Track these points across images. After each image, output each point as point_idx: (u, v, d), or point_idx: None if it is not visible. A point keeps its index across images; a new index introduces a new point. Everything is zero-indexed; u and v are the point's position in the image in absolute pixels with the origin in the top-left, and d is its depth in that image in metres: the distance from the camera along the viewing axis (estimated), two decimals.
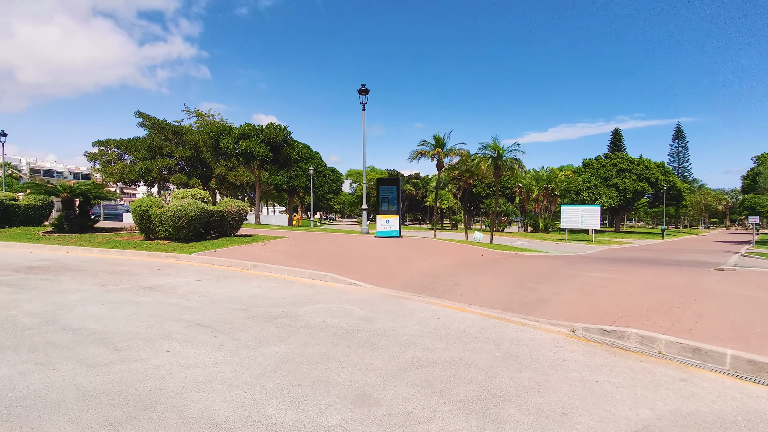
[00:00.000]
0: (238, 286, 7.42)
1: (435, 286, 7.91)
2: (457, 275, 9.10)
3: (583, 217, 27.12)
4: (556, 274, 9.42)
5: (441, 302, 6.68)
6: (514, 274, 9.39)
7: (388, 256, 11.57)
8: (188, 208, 11.72)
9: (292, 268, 8.99)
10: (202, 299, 6.34)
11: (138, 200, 12.27)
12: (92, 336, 4.51)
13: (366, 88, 18.22)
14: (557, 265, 11.41)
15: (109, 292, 6.58)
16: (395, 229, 16.20)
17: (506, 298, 6.91)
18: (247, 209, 14.10)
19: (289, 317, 5.52)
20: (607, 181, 50.05)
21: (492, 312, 6.11)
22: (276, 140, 23.30)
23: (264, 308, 5.95)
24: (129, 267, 9.05)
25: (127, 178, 30.59)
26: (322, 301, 6.56)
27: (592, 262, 12.61)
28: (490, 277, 8.95)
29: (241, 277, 8.40)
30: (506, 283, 8.22)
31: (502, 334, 5.05)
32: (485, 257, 12.84)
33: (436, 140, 17.75)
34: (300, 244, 13.14)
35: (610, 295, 7.00)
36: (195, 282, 7.67)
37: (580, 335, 5.11)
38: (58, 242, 11.72)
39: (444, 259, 11.94)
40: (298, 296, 6.81)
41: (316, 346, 4.44)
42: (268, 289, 7.26)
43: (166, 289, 7.00)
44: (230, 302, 6.23)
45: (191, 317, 5.36)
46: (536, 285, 8.01)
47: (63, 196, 13.07)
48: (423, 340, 4.75)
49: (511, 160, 18.04)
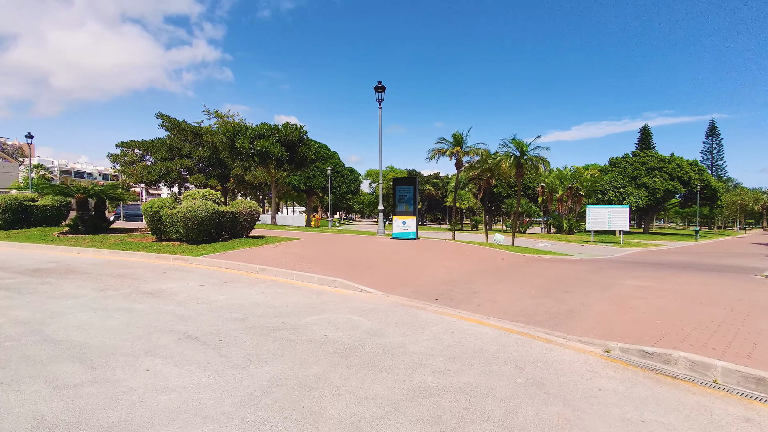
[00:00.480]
0: (241, 293, 7.03)
1: (451, 294, 7.32)
2: (476, 282, 8.48)
3: (610, 218, 25.82)
4: (584, 281, 8.67)
5: (457, 313, 6.09)
6: (538, 281, 8.69)
7: (403, 260, 11.02)
8: (198, 210, 11.47)
9: (300, 272, 8.55)
10: (200, 307, 5.96)
11: (149, 201, 12.11)
12: (72, 350, 4.14)
13: (382, 85, 17.70)
14: (585, 270, 10.61)
15: (106, 298, 6.28)
16: (412, 230, 15.63)
17: (529, 310, 6.26)
18: (260, 210, 13.80)
19: (289, 329, 5.05)
20: (636, 180, 47.95)
21: (513, 326, 5.49)
22: (292, 140, 23.03)
23: (263, 318, 5.51)
24: (135, 270, 8.81)
25: (147, 179, 31.08)
26: (327, 310, 6.08)
27: (623, 267, 11.73)
28: (511, 284, 8.29)
29: (246, 281, 8.01)
30: (529, 292, 7.55)
31: (525, 354, 4.44)
32: (506, 261, 12.13)
33: (455, 138, 17.02)
34: (312, 247, 12.73)
35: (648, 307, 6.26)
36: (197, 287, 7.32)
37: (617, 357, 4.44)
38: (70, 243, 11.67)
39: (462, 263, 11.30)
40: (302, 304, 6.35)
41: (312, 366, 3.94)
42: (272, 296, 6.83)
43: (166, 295, 6.66)
44: (229, 310, 5.82)
45: (184, 328, 4.95)
46: (563, 294, 7.31)
47: (77, 197, 13.07)
48: (434, 360, 4.19)
49: (535, 158, 17.12)
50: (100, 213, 14.70)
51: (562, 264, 12.22)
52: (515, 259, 12.71)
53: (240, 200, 13.66)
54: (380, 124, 17.92)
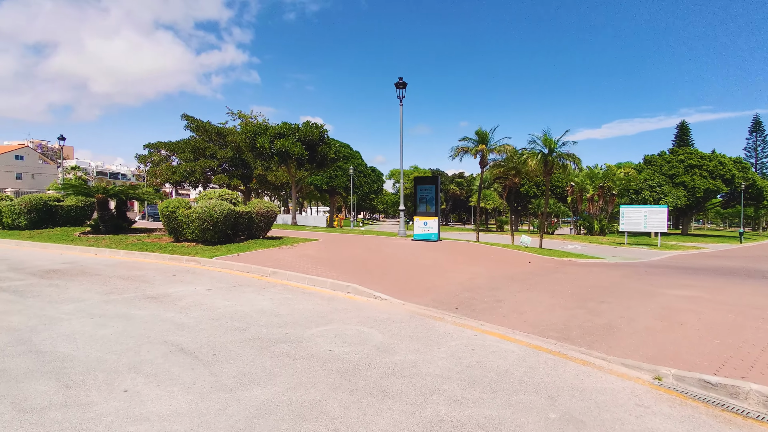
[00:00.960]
0: (248, 298, 6.64)
1: (473, 302, 6.70)
2: (501, 289, 7.80)
3: (646, 218, 24.28)
4: (623, 290, 7.85)
5: (479, 325, 5.48)
6: (570, 289, 7.93)
7: (423, 264, 10.44)
8: (213, 210, 11.26)
9: (312, 276, 8.12)
10: (201, 314, 5.59)
11: (166, 201, 12.00)
12: (53, 363, 3.81)
13: (403, 81, 17.14)
14: (622, 276, 9.73)
15: (108, 303, 6.01)
16: (434, 231, 15.00)
17: (561, 323, 5.57)
18: (277, 210, 13.51)
19: (291, 342, 4.58)
20: (673, 178, 45.35)
21: (543, 342, 4.84)
22: (312, 139, 22.75)
23: (266, 329, 5.07)
24: (146, 272, 8.61)
25: (173, 180, 31.69)
26: (336, 319, 5.59)
27: (666, 274, 10.73)
28: (539, 293, 7.57)
29: (256, 285, 7.64)
30: (560, 301, 6.83)
31: (558, 380, 3.80)
32: (534, 265, 11.34)
33: (480, 135, 16.24)
34: (329, 248, 12.32)
35: (701, 323, 5.45)
36: (204, 291, 6.99)
37: (670, 386, 3.74)
38: (89, 243, 11.69)
39: (486, 267, 10.61)
40: (310, 312, 5.89)
41: (309, 389, 3.45)
42: (280, 303, 6.41)
43: (170, 300, 6.35)
44: (232, 319, 5.42)
45: (178, 339, 4.57)
46: (599, 305, 6.56)
47: (98, 197, 13.14)
48: (450, 385, 3.62)
49: (564, 155, 16.10)
50: (121, 213, 14.78)
51: (596, 269, 11.32)
52: (544, 263, 11.89)
53: (257, 200, 13.41)
54: (401, 122, 17.38)
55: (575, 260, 13.42)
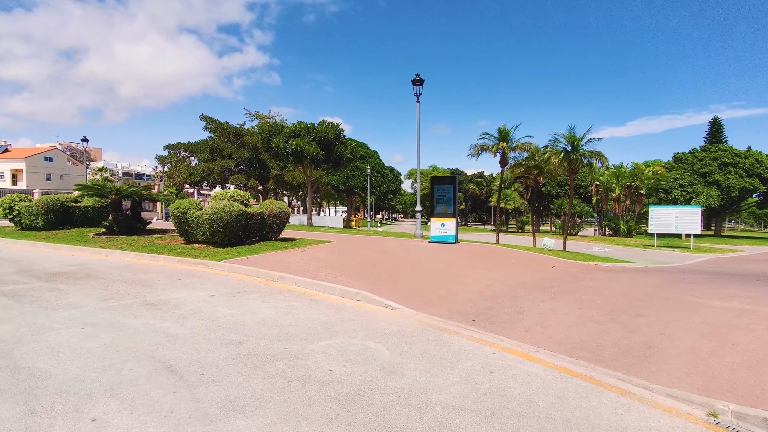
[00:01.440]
0: (251, 306, 6.27)
1: (492, 313, 6.14)
2: (522, 298, 7.20)
3: (678, 219, 22.94)
4: (660, 301, 7.13)
5: (498, 342, 4.93)
6: (600, 298, 7.26)
7: (439, 269, 9.90)
8: (223, 211, 10.99)
9: (321, 282, 7.71)
10: (198, 324, 5.23)
11: (177, 202, 11.82)
12: (28, 382, 3.49)
13: (420, 78, 16.61)
14: (657, 284, 8.95)
15: (104, 310, 5.73)
16: (451, 233, 14.42)
17: (592, 340, 4.97)
18: (289, 211, 13.19)
19: (288, 360, 4.16)
20: (706, 177, 43.13)
21: (573, 364, 4.26)
22: (327, 138, 22.39)
23: (264, 342, 4.67)
24: (151, 275, 8.37)
25: (191, 180, 32.01)
26: (341, 332, 5.15)
27: (706, 281, 9.87)
28: (565, 303, 6.94)
29: (261, 291, 7.28)
30: (589, 313, 6.19)
31: (593, 414, 3.24)
32: (558, 270, 10.64)
33: (500, 133, 15.51)
34: (342, 251, 11.91)
35: (759, 343, 4.76)
36: (207, 298, 6.66)
37: (729, 426, 3.13)
38: (101, 245, 11.62)
39: (506, 273, 9.99)
40: (314, 323, 5.46)
41: (301, 421, 3.00)
42: (284, 312, 6.01)
43: (169, 307, 6.03)
44: (229, 330, 5.05)
45: (167, 354, 4.21)
46: (634, 318, 5.90)
47: (111, 198, 13.11)
48: (464, 419, 3.11)
49: (589, 153, 15.18)
50: (135, 214, 14.76)
51: (627, 275, 10.53)
52: (568, 268, 11.16)
53: (269, 201, 13.12)
54: (418, 120, 16.85)
55: (603, 265, 12.61)
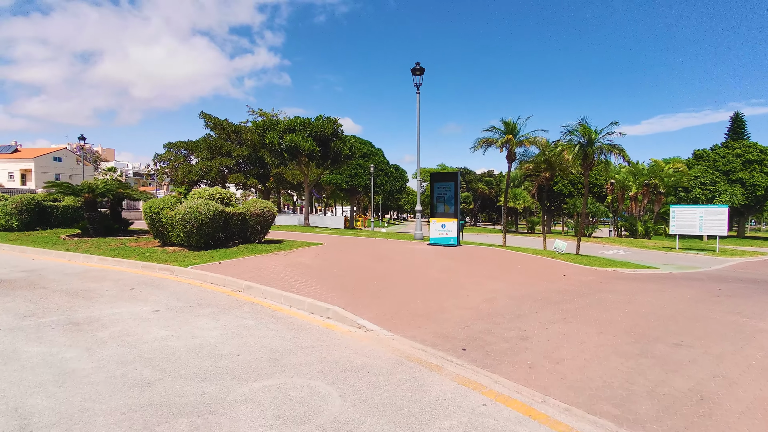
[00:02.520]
0: (196, 326, 5.17)
1: (488, 339, 4.93)
2: (527, 317, 5.97)
3: (702, 220, 21.27)
4: (699, 321, 5.83)
5: (492, 383, 3.73)
6: (624, 318, 5.99)
7: (433, 277, 8.70)
8: (197, 211, 9.95)
9: (291, 294, 6.58)
10: (113, 354, 4.15)
11: (149, 201, 10.85)
12: None
13: (420, 67, 15.38)
14: (692, 297, 7.62)
15: (12, 331, 4.69)
16: (452, 235, 13.18)
17: (619, 384, 3.73)
18: (275, 211, 12.12)
19: (200, 415, 3.03)
20: (728, 175, 40.94)
21: (595, 427, 3.04)
22: (324, 134, 21.20)
23: (183, 382, 3.55)
24: (103, 284, 7.35)
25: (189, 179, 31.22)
26: (290, 366, 4.01)
27: (748, 293, 8.49)
28: (581, 324, 5.68)
29: (218, 305, 6.18)
30: (613, 341, 4.94)
31: None
32: (570, 279, 9.35)
33: (507, 126, 14.18)
34: (329, 255, 10.79)
35: None
36: (148, 314, 5.59)
37: None
38: (68, 248, 10.69)
39: (511, 282, 8.74)
40: (262, 352, 4.34)
41: None
42: (231, 334, 4.89)
43: (94, 327, 4.97)
44: (148, 363, 3.95)
45: (39, 404, 3.12)
46: (672, 348, 4.63)
47: (85, 197, 12.18)
48: None
49: (607, 148, 13.73)
50: (115, 214, 13.87)
51: (652, 285, 9.19)
52: (583, 276, 9.85)
53: (252, 200, 12.07)
54: (418, 111, 15.62)
55: (622, 271, 11.24)
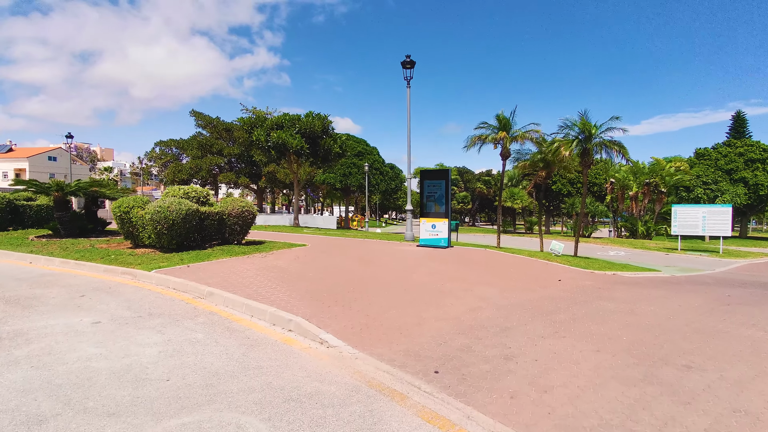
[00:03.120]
0: (134, 341, 4.51)
1: (466, 359, 4.26)
2: (514, 330, 5.30)
3: (705, 220, 20.60)
4: (711, 336, 5.16)
5: (463, 420, 3.07)
6: (625, 332, 5.32)
7: (418, 282, 8.03)
8: (168, 210, 9.30)
9: (254, 302, 5.93)
10: (19, 378, 3.51)
11: (119, 200, 10.20)
12: None
13: (411, 60, 14.72)
14: (700, 306, 6.95)
15: None
16: (443, 236, 12.53)
17: (619, 423, 3.06)
18: (255, 211, 11.45)
19: None
20: (731, 174, 40.28)
21: None
22: (314, 131, 20.48)
23: (82, 419, 2.90)
24: (52, 290, 6.70)
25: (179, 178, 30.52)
26: (226, 393, 3.35)
27: (762, 299, 7.81)
28: (575, 340, 5.02)
29: (170, 316, 5.52)
30: (612, 361, 4.27)
31: None
32: (566, 284, 8.69)
33: (500, 121, 13.49)
34: (310, 258, 10.14)
35: None
36: (86, 327, 4.93)
37: None
38: (33, 250, 10.05)
39: (501, 288, 8.07)
40: (198, 374, 3.68)
41: None
42: (171, 352, 4.24)
43: (17, 343, 4.33)
44: (53, 391, 3.30)
45: None
46: (683, 372, 3.96)
47: (54, 195, 11.52)
48: None
49: (608, 144, 13.02)
50: (90, 213, 13.22)
51: (656, 291, 8.53)
52: (580, 281, 9.18)
53: (230, 199, 11.42)
54: (408, 106, 14.94)
55: (623, 275, 10.57)
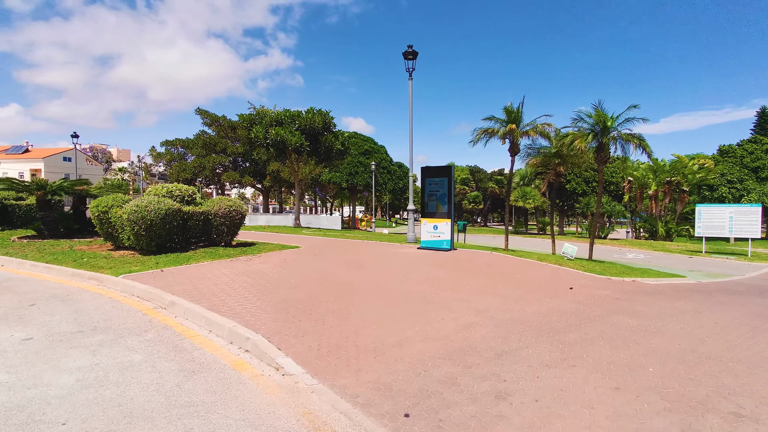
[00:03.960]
0: (58, 364, 3.82)
1: (447, 397, 3.42)
2: (513, 357, 4.43)
3: (732, 221, 19.25)
4: (759, 366, 4.21)
5: None
6: (651, 360, 4.40)
7: (410, 292, 7.20)
8: (146, 210, 8.67)
9: (213, 315, 5.20)
10: None
11: (98, 199, 9.63)
12: None
13: (413, 50, 13.88)
14: (740, 323, 5.97)
15: None
16: (445, 238, 11.67)
17: None
18: (243, 211, 10.77)
19: None
20: (757, 172, 38.26)
21: None
22: (315, 128, 19.75)
23: None
24: (3, 297, 6.08)
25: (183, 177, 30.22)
26: None
27: None
28: (588, 371, 4.12)
29: (116, 331, 4.81)
30: (636, 407, 3.38)
31: None
32: (579, 294, 7.74)
33: (509, 113, 12.51)
34: (299, 262, 9.40)
35: None
36: (12, 345, 4.28)
37: None
38: (8, 252, 9.55)
39: (502, 298, 7.16)
40: (107, 415, 2.95)
41: None
42: (93, 380, 3.52)
43: None
44: None
45: None
46: (733, 426, 3.05)
47: (36, 195, 11.04)
48: None
49: (626, 137, 11.91)
50: (78, 213, 12.72)
51: (682, 302, 7.52)
52: (594, 290, 8.20)
53: (217, 198, 10.76)
54: (410, 99, 14.11)
55: (643, 282, 9.54)
